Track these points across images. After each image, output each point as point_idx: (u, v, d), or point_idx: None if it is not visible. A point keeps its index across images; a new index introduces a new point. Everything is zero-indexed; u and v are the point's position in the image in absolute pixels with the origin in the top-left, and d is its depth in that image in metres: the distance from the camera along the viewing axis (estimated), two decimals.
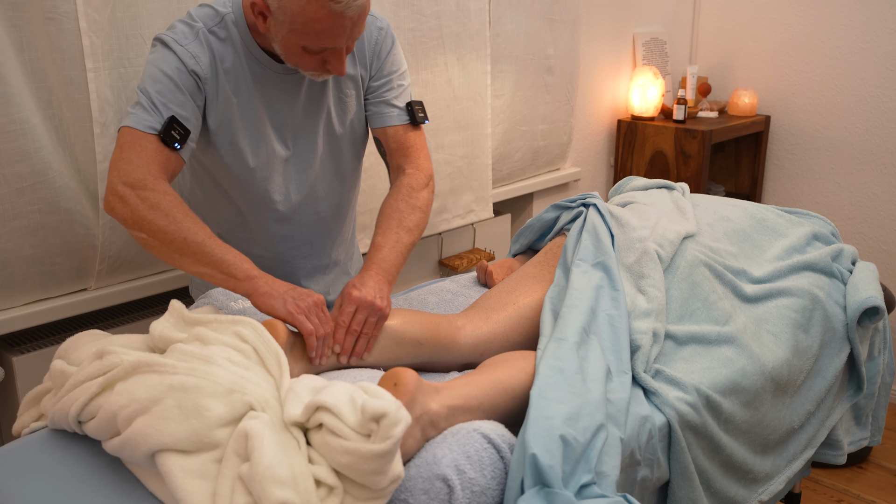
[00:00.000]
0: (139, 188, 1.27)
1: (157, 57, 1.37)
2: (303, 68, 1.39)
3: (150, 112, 1.33)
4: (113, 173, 1.30)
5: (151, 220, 1.26)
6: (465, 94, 2.34)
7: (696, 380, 1.37)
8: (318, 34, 1.30)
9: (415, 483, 1.01)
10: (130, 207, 1.27)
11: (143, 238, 1.29)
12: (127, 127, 1.32)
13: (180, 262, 1.29)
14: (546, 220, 1.76)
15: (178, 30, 1.39)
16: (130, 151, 1.30)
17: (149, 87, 1.34)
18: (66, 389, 1.13)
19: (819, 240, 1.81)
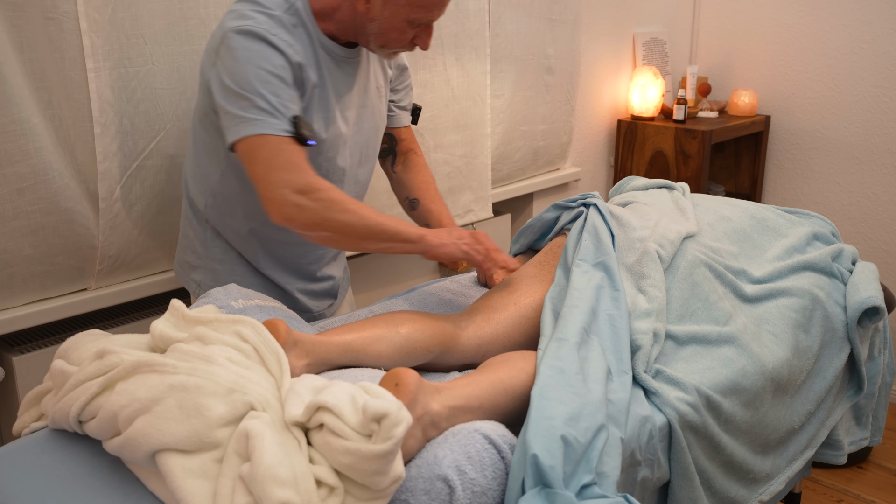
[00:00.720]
0: (311, 192, 1.33)
1: (253, 52, 1.34)
2: (391, 45, 1.47)
3: (274, 115, 1.33)
4: (275, 186, 1.32)
5: (333, 218, 1.34)
6: (464, 94, 2.34)
7: (696, 380, 1.37)
8: (432, 6, 1.42)
9: (416, 483, 1.01)
10: (310, 212, 1.33)
11: (326, 236, 1.37)
12: (261, 136, 1.32)
13: (363, 245, 1.42)
14: (546, 220, 1.76)
15: (259, 19, 1.37)
16: (280, 159, 1.32)
17: (260, 89, 1.33)
18: (67, 389, 1.13)
19: (819, 240, 1.81)
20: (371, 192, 2.14)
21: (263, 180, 1.33)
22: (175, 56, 1.71)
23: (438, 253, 1.45)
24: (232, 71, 1.34)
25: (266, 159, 1.32)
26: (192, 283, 1.66)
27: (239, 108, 1.33)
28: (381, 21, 1.43)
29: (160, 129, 1.72)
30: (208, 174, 1.55)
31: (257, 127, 1.32)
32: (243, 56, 1.34)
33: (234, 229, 1.57)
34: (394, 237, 1.40)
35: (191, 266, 1.65)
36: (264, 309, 1.39)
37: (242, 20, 1.36)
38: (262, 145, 1.32)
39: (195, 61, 1.74)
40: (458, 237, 1.48)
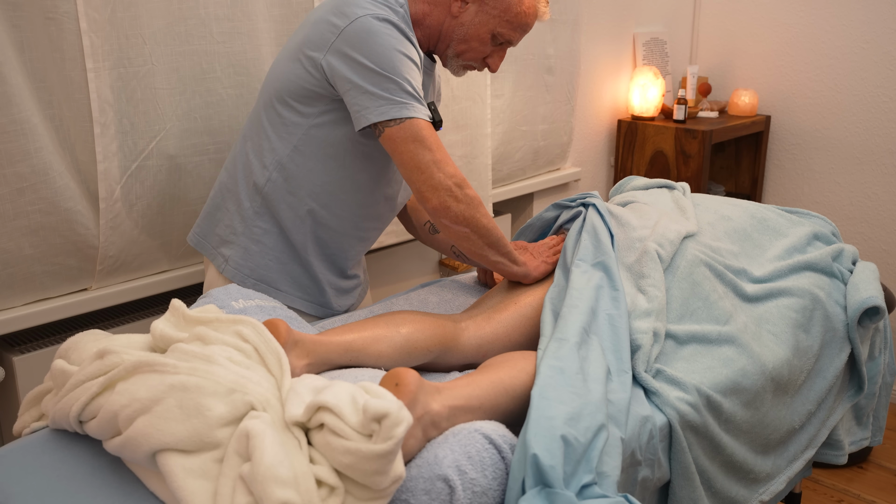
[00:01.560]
0: (464, 186, 1.43)
1: (395, 39, 1.41)
2: (466, 57, 1.57)
3: (420, 101, 1.42)
4: (439, 175, 1.41)
5: (478, 218, 1.45)
6: (464, 94, 2.34)
7: (696, 380, 1.37)
8: (518, 26, 1.54)
9: (416, 483, 1.01)
10: (463, 206, 1.43)
11: (465, 233, 1.45)
12: (418, 120, 1.40)
13: (485, 253, 1.49)
14: (546, 220, 1.76)
15: (389, 13, 1.43)
16: (440, 151, 1.41)
17: (405, 74, 1.40)
18: (67, 389, 1.13)
19: (819, 239, 1.81)
20: None
21: (428, 169, 1.40)
22: (175, 56, 1.71)
23: (536, 276, 1.54)
24: (375, 53, 1.39)
25: (430, 148, 1.40)
26: (220, 257, 1.62)
27: (385, 91, 1.39)
28: (468, 27, 1.53)
29: (160, 129, 1.72)
30: (276, 149, 1.55)
31: (410, 111, 1.40)
32: (387, 41, 1.40)
33: (293, 207, 1.57)
34: (508, 255, 1.50)
35: (222, 240, 1.62)
36: (264, 309, 1.39)
37: (375, 9, 1.42)
38: (422, 131, 1.40)
39: (195, 61, 1.74)
40: (539, 254, 1.59)
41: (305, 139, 1.52)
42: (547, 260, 1.58)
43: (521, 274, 1.53)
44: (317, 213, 1.58)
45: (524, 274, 1.53)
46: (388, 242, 2.24)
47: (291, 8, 1.89)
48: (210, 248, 1.65)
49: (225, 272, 1.61)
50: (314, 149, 1.53)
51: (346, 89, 1.42)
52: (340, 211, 1.59)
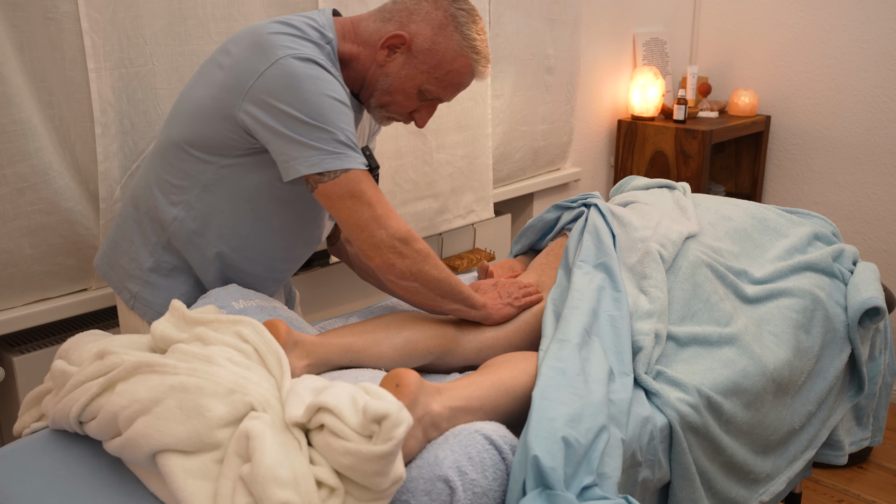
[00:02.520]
0: (410, 241, 1.33)
1: (320, 80, 1.30)
2: (391, 110, 1.45)
3: (355, 149, 1.32)
4: (381, 232, 1.31)
5: (427, 271, 1.35)
6: (465, 94, 2.34)
7: (697, 381, 1.37)
8: (449, 85, 1.42)
9: (416, 484, 1.01)
10: (409, 261, 1.33)
11: (414, 287, 1.36)
12: (354, 171, 1.30)
13: (439, 303, 1.39)
14: (547, 221, 1.76)
15: (312, 49, 1.33)
16: (381, 205, 1.32)
17: (336, 121, 1.29)
18: (67, 390, 1.13)
19: (820, 240, 1.81)
20: None
21: (370, 224, 1.31)
22: (175, 56, 1.71)
23: (497, 318, 1.45)
24: (301, 100, 1.28)
25: (370, 203, 1.31)
26: (126, 292, 1.52)
27: (315, 140, 1.28)
28: (394, 79, 1.41)
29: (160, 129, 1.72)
30: (184, 187, 1.43)
31: (343, 161, 1.29)
32: (313, 86, 1.28)
33: (201, 249, 1.46)
34: (465, 300, 1.41)
35: (127, 273, 1.51)
36: (265, 309, 1.38)
37: (296, 47, 1.30)
38: (359, 185, 1.30)
39: (195, 61, 1.73)
40: (508, 295, 1.49)
41: (216, 179, 1.41)
42: (514, 303, 1.47)
43: (481, 317, 1.44)
44: (226, 257, 1.47)
45: (484, 317, 1.44)
46: None
47: (289, 8, 1.89)
48: (115, 279, 1.54)
49: (135, 309, 1.51)
50: (225, 190, 1.41)
51: (270, 139, 1.30)
52: (253, 255, 1.48)
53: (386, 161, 2.15)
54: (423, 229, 2.31)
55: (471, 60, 1.41)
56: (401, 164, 2.19)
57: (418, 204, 2.27)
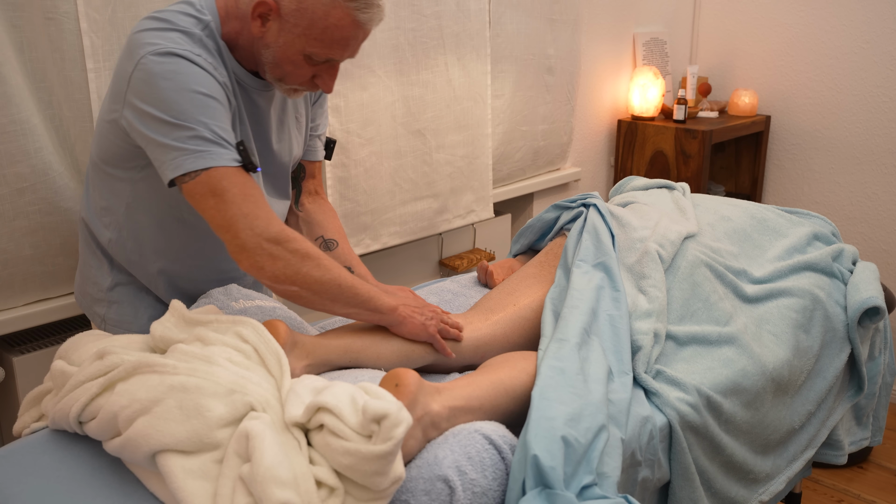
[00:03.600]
0: (283, 241, 1.21)
1: (180, 74, 1.20)
2: (289, 81, 1.32)
3: (220, 144, 1.21)
4: (247, 232, 1.19)
5: (307, 273, 1.22)
6: (465, 94, 2.34)
7: (696, 380, 1.37)
8: (333, 42, 1.27)
9: (416, 484, 1.01)
10: (283, 263, 1.21)
11: (294, 291, 1.23)
12: (216, 169, 1.19)
13: (330, 307, 1.27)
14: (546, 221, 1.76)
15: (176, 38, 1.23)
16: (247, 203, 1.20)
17: (199, 115, 1.19)
18: (67, 390, 1.13)
19: (819, 240, 1.81)
20: (373, 192, 2.14)
21: (232, 226, 1.19)
22: None
23: (404, 331, 1.32)
24: (160, 99, 1.19)
25: (233, 201, 1.19)
26: (97, 317, 1.51)
27: (176, 140, 1.18)
28: (275, 49, 1.28)
29: None
30: (111, 207, 1.39)
31: (206, 160, 1.18)
32: (172, 81, 1.19)
33: (143, 268, 1.43)
34: (365, 304, 1.28)
35: (93, 299, 1.50)
36: (264, 310, 1.39)
37: (158, 41, 1.21)
38: (220, 182, 1.19)
39: None
40: (428, 315, 1.35)
41: (135, 196, 1.36)
42: (428, 323, 1.33)
43: (388, 322, 1.31)
44: (169, 271, 1.43)
45: (392, 322, 1.31)
46: (391, 243, 2.24)
47: None
48: (86, 306, 1.53)
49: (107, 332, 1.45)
50: (145, 206, 1.37)
51: (144, 144, 1.23)
52: (194, 262, 1.44)
53: (385, 161, 2.15)
54: (422, 229, 2.31)
55: (347, 10, 1.24)
56: (400, 164, 2.19)
57: (418, 204, 2.28)
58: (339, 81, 1.97)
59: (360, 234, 2.14)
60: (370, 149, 2.11)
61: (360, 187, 2.10)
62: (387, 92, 2.11)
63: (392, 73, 2.12)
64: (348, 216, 2.10)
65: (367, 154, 2.11)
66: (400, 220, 2.24)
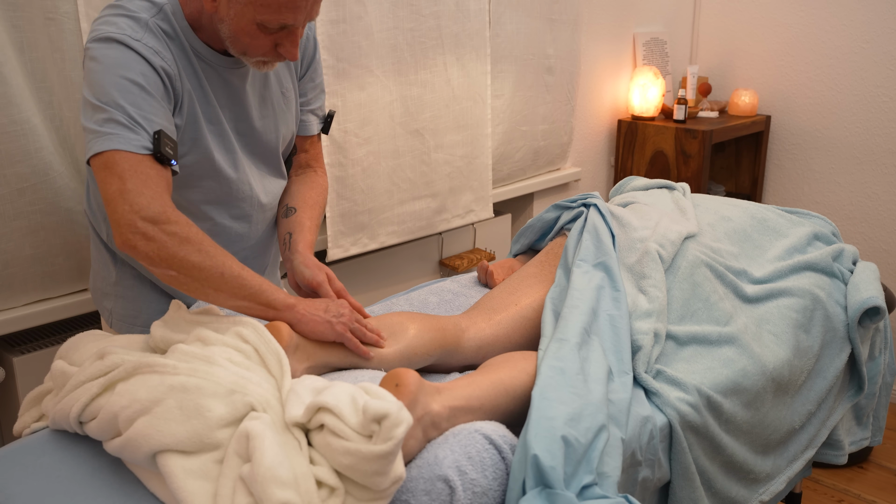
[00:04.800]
0: (162, 222, 1.16)
1: (113, 59, 1.20)
2: (252, 53, 1.29)
3: (133, 129, 1.18)
4: (123, 207, 1.15)
5: (184, 257, 1.17)
6: (464, 94, 2.34)
7: (697, 380, 1.37)
8: (280, 6, 1.22)
9: (416, 484, 1.01)
10: (157, 244, 1.16)
11: (172, 276, 1.18)
12: (117, 151, 1.17)
13: (214, 297, 1.21)
14: (546, 220, 1.76)
15: (121, 24, 1.23)
16: (135, 180, 1.16)
17: (119, 99, 1.18)
18: (67, 390, 1.13)
19: (820, 240, 1.81)
20: (370, 192, 2.14)
21: (115, 199, 1.16)
22: None
23: (307, 330, 1.25)
24: (91, 82, 1.21)
25: (121, 178, 1.16)
26: (105, 311, 1.52)
27: (95, 123, 1.18)
28: (229, 23, 1.26)
29: None
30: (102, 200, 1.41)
31: (112, 142, 1.17)
32: (102, 65, 1.20)
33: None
34: (254, 297, 1.22)
35: (102, 293, 1.51)
36: None
37: (104, 27, 1.23)
38: (118, 162, 1.16)
39: None
40: (336, 313, 1.27)
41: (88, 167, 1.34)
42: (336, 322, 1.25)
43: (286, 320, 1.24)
44: None
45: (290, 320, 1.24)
46: (388, 243, 2.24)
47: None
48: (97, 300, 1.54)
49: (113, 326, 1.51)
50: None
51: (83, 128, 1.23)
52: None
53: (383, 160, 2.15)
54: (420, 229, 2.31)
55: None
56: (398, 163, 2.19)
57: (416, 203, 2.27)
58: (337, 81, 1.97)
59: (357, 233, 2.14)
60: (368, 148, 2.11)
61: (357, 187, 2.10)
62: (385, 92, 2.11)
63: (390, 72, 2.12)
64: (346, 215, 2.10)
65: (365, 154, 2.11)
66: (398, 219, 2.24)
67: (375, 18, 2.04)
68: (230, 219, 1.45)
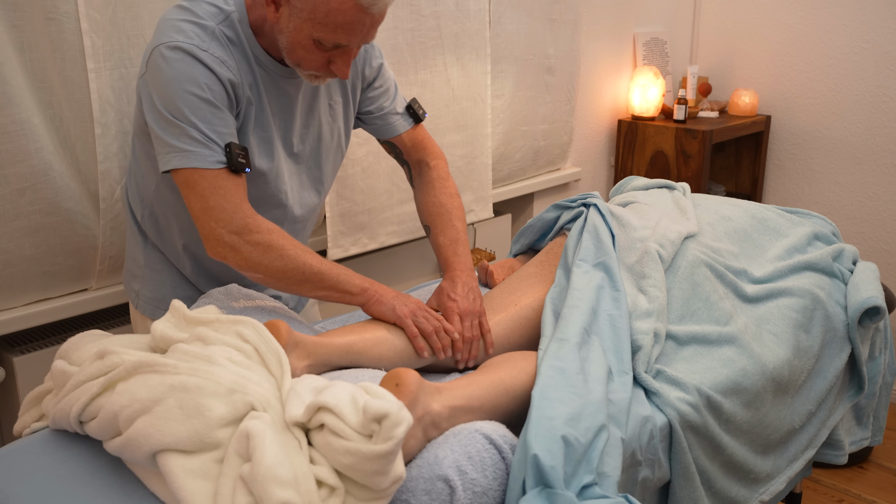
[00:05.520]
0: (247, 233, 1.28)
1: (181, 73, 1.26)
2: (305, 66, 1.34)
3: (207, 146, 1.28)
4: (210, 224, 1.28)
5: (268, 264, 1.30)
6: (464, 94, 2.34)
7: (697, 380, 1.37)
8: (336, 27, 1.27)
9: (416, 483, 1.01)
10: (244, 255, 1.29)
11: (259, 277, 1.32)
12: (195, 170, 1.27)
13: (298, 290, 1.34)
14: (546, 220, 1.76)
15: (190, 32, 1.29)
16: (216, 196, 1.28)
17: (190, 116, 1.26)
18: (68, 389, 1.13)
19: (820, 239, 1.81)
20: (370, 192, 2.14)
21: (201, 216, 1.29)
22: None
23: (373, 310, 1.36)
24: (161, 93, 1.28)
25: (202, 194, 1.28)
26: (132, 293, 1.59)
27: (170, 136, 1.27)
28: (288, 35, 1.31)
29: None
30: (144, 184, 1.48)
31: (191, 160, 1.27)
32: (172, 77, 1.27)
33: (171, 242, 1.51)
34: (334, 286, 1.34)
35: (132, 275, 1.58)
36: (265, 310, 1.39)
37: (174, 34, 1.29)
38: (198, 180, 1.28)
39: None
40: (405, 301, 1.36)
41: (162, 175, 1.42)
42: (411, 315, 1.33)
43: (359, 302, 1.35)
44: (191, 249, 1.50)
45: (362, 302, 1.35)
46: (388, 243, 2.24)
47: None
48: (126, 281, 1.61)
49: (139, 308, 1.57)
50: (172, 185, 1.42)
51: (148, 127, 1.32)
52: None
53: (383, 160, 2.15)
54: (420, 229, 2.31)
55: None
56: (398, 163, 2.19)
57: None
58: None
59: (357, 233, 2.14)
60: (368, 148, 2.11)
61: (357, 186, 2.10)
62: None
63: None
64: (346, 215, 2.10)
65: (365, 153, 2.11)
66: (398, 219, 2.24)
67: None
68: None
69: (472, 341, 1.38)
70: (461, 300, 1.40)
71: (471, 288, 1.43)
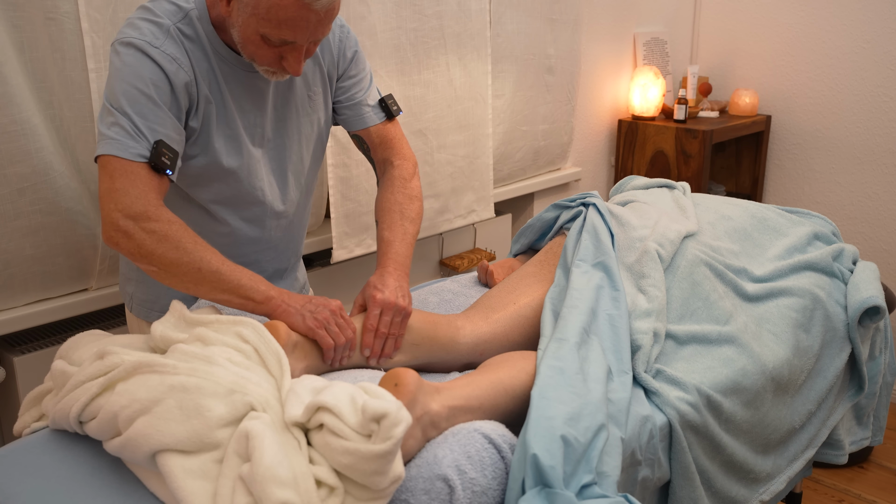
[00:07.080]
0: (142, 220, 1.22)
1: (128, 65, 1.25)
2: (259, 62, 1.32)
3: (134, 137, 1.24)
4: (109, 205, 1.22)
5: (162, 254, 1.22)
6: (466, 94, 2.34)
7: (696, 379, 1.37)
8: (279, 23, 1.24)
9: (416, 483, 1.01)
10: (136, 241, 1.22)
11: (154, 270, 1.25)
12: (112, 157, 1.23)
13: (195, 290, 1.26)
14: (546, 220, 1.76)
15: (144, 29, 1.28)
16: (124, 181, 1.22)
17: (126, 107, 1.24)
18: (67, 390, 1.13)
19: (820, 239, 1.81)
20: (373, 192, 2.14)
21: (103, 198, 1.23)
22: None
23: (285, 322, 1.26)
24: (109, 84, 1.28)
25: (111, 178, 1.23)
26: (127, 296, 1.58)
27: (104, 125, 1.25)
28: (239, 30, 1.29)
29: None
30: None
31: (113, 147, 1.23)
32: (119, 70, 1.26)
33: None
34: (234, 290, 1.25)
35: (126, 278, 1.57)
36: None
37: (129, 31, 1.28)
38: (112, 165, 1.23)
39: None
40: (313, 309, 1.27)
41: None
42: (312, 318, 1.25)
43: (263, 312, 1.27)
44: None
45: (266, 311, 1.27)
46: None
47: None
48: (122, 284, 1.59)
49: (133, 311, 1.56)
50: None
51: None
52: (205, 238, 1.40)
53: None
54: (423, 229, 2.31)
55: None
56: None
57: None
58: None
59: (361, 233, 2.14)
60: None
61: (361, 187, 2.10)
62: (388, 91, 2.11)
63: (393, 72, 2.12)
64: (350, 216, 2.10)
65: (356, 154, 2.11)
66: None
67: (379, 18, 2.05)
68: (241, 221, 1.48)
69: (385, 338, 1.31)
70: (388, 292, 1.33)
71: (400, 286, 1.36)
